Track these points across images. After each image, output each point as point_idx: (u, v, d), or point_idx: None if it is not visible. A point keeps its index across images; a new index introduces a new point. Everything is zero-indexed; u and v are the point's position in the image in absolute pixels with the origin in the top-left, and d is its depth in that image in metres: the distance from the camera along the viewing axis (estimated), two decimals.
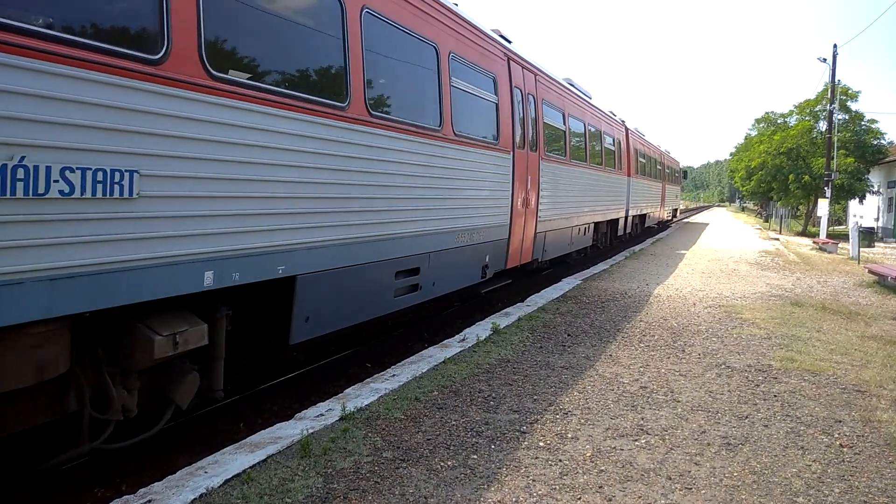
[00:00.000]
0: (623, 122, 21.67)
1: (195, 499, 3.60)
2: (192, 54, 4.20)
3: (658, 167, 29.91)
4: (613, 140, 18.81)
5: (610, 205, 18.09)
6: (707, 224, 41.64)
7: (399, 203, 6.89)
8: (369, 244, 6.39)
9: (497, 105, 9.51)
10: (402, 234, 7.01)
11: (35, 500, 4.23)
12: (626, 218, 21.52)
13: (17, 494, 4.23)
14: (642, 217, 25.92)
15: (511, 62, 10.25)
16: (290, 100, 5.15)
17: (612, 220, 19.25)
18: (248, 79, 4.80)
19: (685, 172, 47.28)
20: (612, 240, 20.47)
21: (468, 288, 9.25)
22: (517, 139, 10.17)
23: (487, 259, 9.33)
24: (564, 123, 13.31)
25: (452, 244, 8.24)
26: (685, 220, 49.02)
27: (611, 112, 19.79)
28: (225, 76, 4.50)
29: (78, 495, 4.42)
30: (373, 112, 6.26)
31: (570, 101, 14.07)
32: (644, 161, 25.20)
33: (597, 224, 17.05)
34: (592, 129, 16.04)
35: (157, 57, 3.96)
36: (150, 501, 3.55)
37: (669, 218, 38.46)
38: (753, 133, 49.32)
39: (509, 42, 10.54)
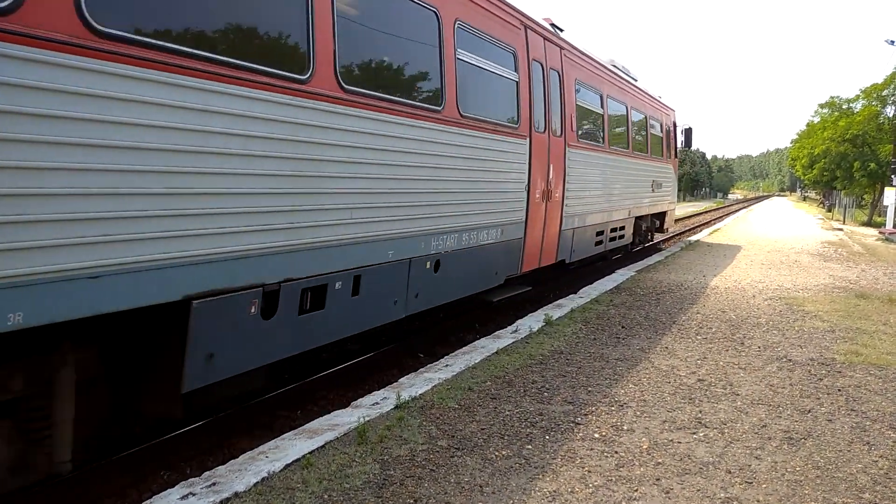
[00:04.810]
0: None
1: (257, 482, 3.71)
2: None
3: (540, 93, 8.94)
4: None
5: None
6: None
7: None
8: None
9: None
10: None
11: (104, 482, 4.42)
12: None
13: (82, 476, 4.42)
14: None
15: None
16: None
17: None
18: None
19: (688, 134, 19.67)
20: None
21: None
22: None
23: None
24: None
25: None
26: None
27: None
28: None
29: (145, 478, 4.61)
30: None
31: None
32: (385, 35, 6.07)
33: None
34: None
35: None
36: (214, 484, 3.68)
37: (629, 242, 15.03)
38: (816, 120, 47.71)
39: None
